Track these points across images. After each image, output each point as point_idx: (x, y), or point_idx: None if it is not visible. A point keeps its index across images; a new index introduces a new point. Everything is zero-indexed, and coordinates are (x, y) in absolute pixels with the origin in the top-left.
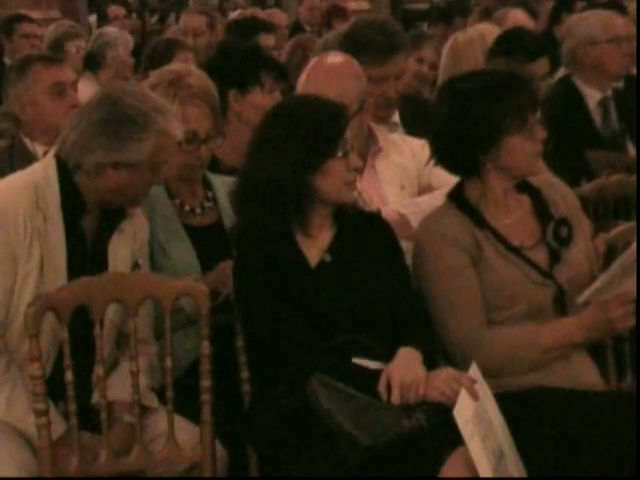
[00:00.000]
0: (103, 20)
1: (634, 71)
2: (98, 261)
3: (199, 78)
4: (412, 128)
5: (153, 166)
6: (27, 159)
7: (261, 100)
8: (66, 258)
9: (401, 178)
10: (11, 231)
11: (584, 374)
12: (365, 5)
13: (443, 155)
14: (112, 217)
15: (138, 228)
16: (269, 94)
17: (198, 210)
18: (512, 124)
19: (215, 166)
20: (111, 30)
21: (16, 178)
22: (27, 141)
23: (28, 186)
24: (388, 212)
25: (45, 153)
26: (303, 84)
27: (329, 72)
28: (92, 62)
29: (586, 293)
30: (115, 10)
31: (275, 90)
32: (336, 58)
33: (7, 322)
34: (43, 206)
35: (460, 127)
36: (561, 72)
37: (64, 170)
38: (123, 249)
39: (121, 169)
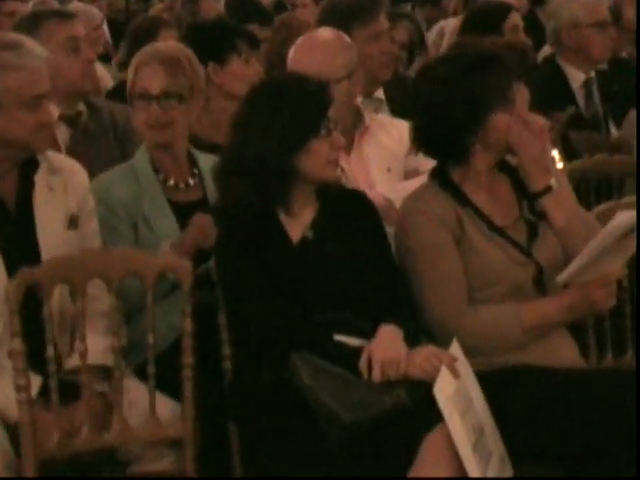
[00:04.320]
0: None
1: (621, 54)
2: (24, 222)
3: (169, 45)
4: (396, 107)
5: (23, 105)
6: None
7: (240, 69)
8: None
9: (388, 160)
10: None
11: (564, 352)
12: None
13: (427, 142)
14: (27, 172)
15: (70, 181)
16: (246, 63)
17: (182, 186)
18: (494, 101)
19: (196, 143)
20: (73, 6)
21: None
22: None
23: None
24: (375, 196)
25: (60, 116)
26: (291, 60)
27: (316, 44)
28: None
29: (565, 274)
30: None
31: (251, 58)
32: (324, 32)
33: None
34: None
35: (444, 112)
36: (545, 51)
37: None
38: (52, 205)
39: None
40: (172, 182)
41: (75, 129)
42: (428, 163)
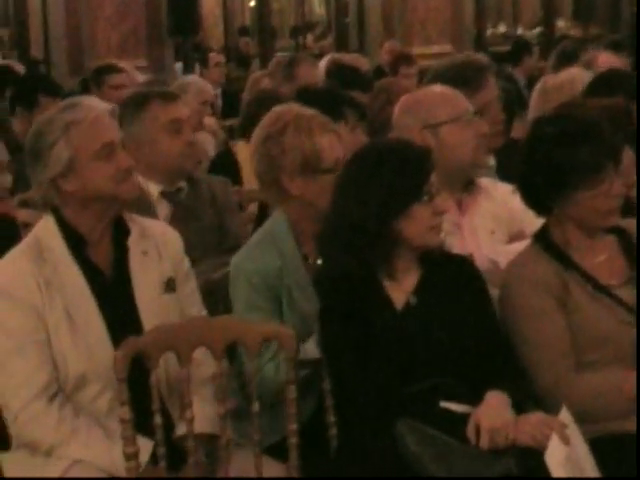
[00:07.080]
0: (189, 68)
1: None
2: (122, 288)
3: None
4: (507, 172)
5: (95, 157)
6: (142, 199)
7: (344, 136)
8: (93, 297)
9: (491, 223)
10: (23, 293)
11: None
12: (448, 48)
13: (523, 192)
14: (120, 238)
15: (163, 244)
16: (352, 131)
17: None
18: (584, 178)
19: None
20: (189, 78)
21: (20, 244)
22: (141, 180)
23: (28, 245)
24: (480, 258)
25: (161, 193)
26: (408, 111)
27: (440, 93)
28: None
29: None
30: (215, 57)
31: (357, 127)
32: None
33: (62, 375)
34: (50, 257)
35: (534, 171)
36: None
37: (57, 213)
38: (147, 269)
39: (67, 178)
40: (311, 260)
41: (176, 205)
42: (533, 226)
